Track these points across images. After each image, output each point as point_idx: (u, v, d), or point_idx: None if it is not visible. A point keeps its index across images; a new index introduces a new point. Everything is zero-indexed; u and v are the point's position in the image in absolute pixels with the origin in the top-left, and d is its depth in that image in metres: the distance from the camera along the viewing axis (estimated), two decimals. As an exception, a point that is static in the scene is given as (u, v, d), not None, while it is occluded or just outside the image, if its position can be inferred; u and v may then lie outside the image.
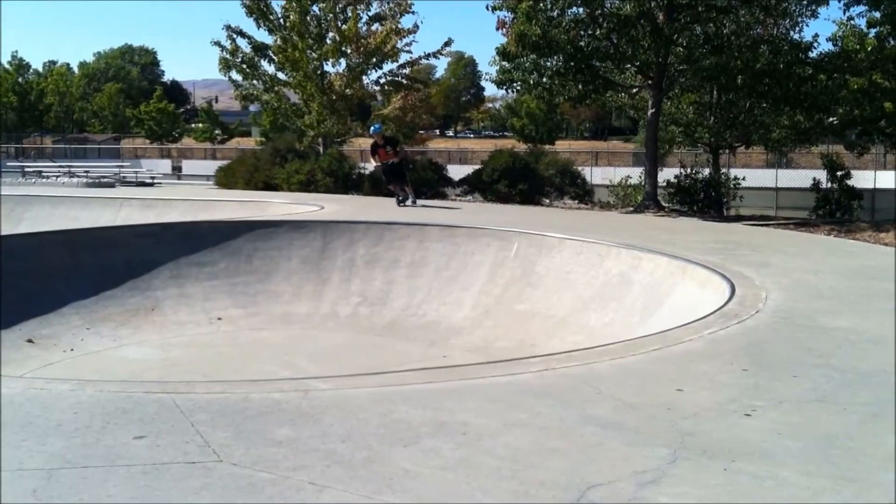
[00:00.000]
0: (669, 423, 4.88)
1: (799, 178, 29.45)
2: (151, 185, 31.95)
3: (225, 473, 4.03)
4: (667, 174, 24.82)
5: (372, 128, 17.29)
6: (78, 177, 31.92)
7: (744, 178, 25.07)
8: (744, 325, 7.45)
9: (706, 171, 24.64)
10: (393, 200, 20.07)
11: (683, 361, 6.29)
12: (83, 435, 4.52)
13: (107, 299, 12.76)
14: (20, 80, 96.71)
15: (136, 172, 35.22)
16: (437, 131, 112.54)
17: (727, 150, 28.66)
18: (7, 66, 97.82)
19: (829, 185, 23.48)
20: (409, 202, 19.38)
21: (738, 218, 22.19)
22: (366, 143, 56.73)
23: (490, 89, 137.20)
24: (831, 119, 25.10)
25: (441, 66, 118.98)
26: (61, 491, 3.79)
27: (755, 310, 8.04)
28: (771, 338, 7.06)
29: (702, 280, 10.05)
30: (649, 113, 23.12)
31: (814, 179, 24.00)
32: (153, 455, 4.25)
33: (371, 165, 22.02)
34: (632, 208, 23.16)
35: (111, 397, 5.23)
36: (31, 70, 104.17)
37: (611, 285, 11.63)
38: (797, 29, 24.07)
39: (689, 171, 23.64)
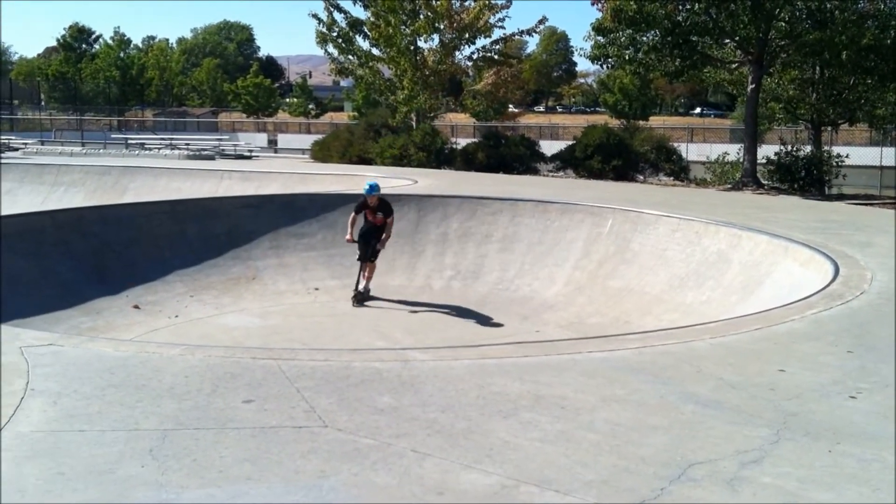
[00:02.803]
0: (772, 403, 4.82)
1: (904, 156, 28.43)
2: (249, 157, 32.57)
3: (330, 438, 4.14)
4: (766, 151, 24.23)
5: (367, 186, 12.51)
6: (179, 149, 32.72)
7: (847, 156, 24.28)
8: (848, 306, 7.27)
9: (807, 149, 23.97)
10: (487, 176, 19.73)
11: (786, 341, 6.18)
12: (194, 398, 4.69)
13: (209, 268, 13.13)
14: (122, 55, 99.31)
15: (234, 145, 35.90)
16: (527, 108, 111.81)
17: (829, 127, 27.79)
18: (109, 41, 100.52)
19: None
20: (361, 287, 12.82)
21: (841, 197, 21.56)
22: (457, 118, 56.79)
23: (582, 64, 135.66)
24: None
25: (533, 42, 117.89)
26: (175, 451, 3.95)
27: (860, 290, 7.83)
28: (876, 319, 6.87)
29: (804, 260, 9.81)
30: (749, 89, 22.59)
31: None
32: (261, 419, 4.39)
33: (460, 141, 20.47)
34: (729, 185, 22.71)
35: (219, 362, 5.41)
36: (131, 45, 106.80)
37: (708, 263, 11.44)
38: (906, 3, 23.15)
39: (789, 148, 23.02)
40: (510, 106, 63.50)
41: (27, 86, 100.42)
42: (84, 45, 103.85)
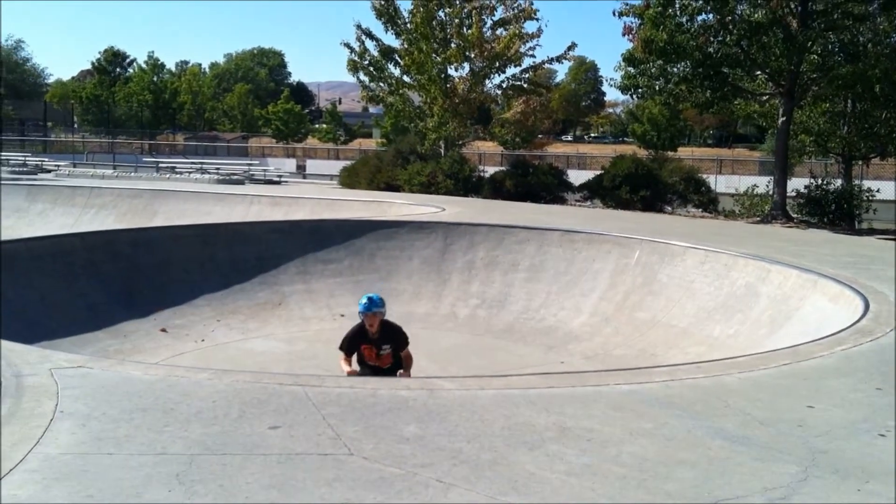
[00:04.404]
0: (800, 439, 4.77)
1: (936, 191, 28.18)
2: (278, 183, 32.84)
3: (356, 466, 4.14)
4: (795, 184, 24.08)
5: (364, 300, 8.13)
6: (209, 173, 33.04)
7: (878, 191, 24.10)
8: (878, 343, 7.19)
9: (838, 182, 23.81)
10: (515, 205, 19.70)
11: (815, 377, 6.12)
12: (221, 423, 4.72)
13: (237, 292, 13.22)
14: (155, 79, 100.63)
15: (264, 170, 36.19)
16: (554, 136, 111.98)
17: (860, 161, 27.61)
18: (143, 65, 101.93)
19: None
20: None
21: (871, 231, 21.37)
22: (485, 146, 56.73)
23: (611, 94, 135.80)
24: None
25: (562, 71, 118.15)
26: (202, 476, 3.96)
27: (890, 327, 7.75)
28: (907, 357, 6.79)
29: (833, 294, 9.73)
30: (779, 121, 22.50)
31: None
32: (288, 445, 4.41)
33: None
34: (758, 218, 22.56)
35: (247, 387, 5.44)
36: (165, 70, 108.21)
37: (736, 296, 11.36)
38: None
39: (819, 181, 22.88)
40: (538, 134, 63.60)
41: (61, 108, 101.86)
42: (118, 69, 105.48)
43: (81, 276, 12.08)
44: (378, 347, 8.23)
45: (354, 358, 8.32)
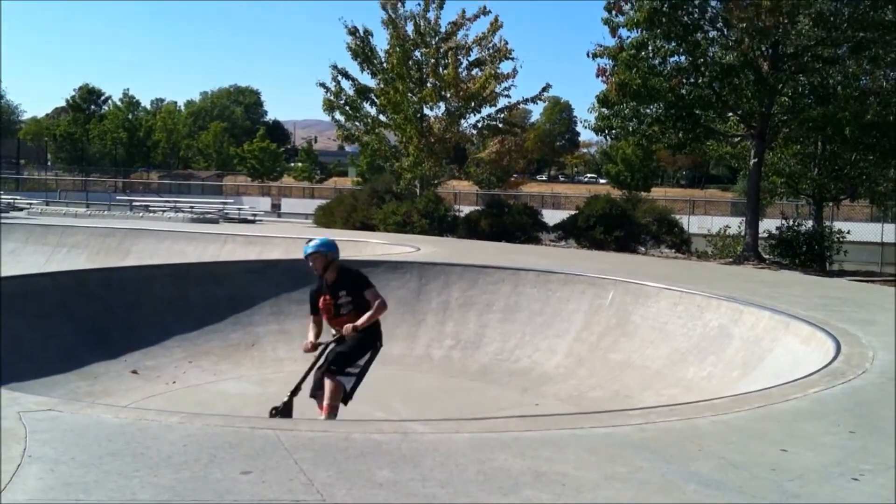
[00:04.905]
0: (774, 483, 4.77)
1: (905, 233, 28.58)
2: (253, 221, 32.80)
3: (328, 513, 4.09)
4: (767, 225, 24.37)
5: (310, 245, 8.39)
6: (183, 212, 32.95)
7: (848, 232, 24.40)
8: (850, 385, 7.22)
9: (809, 224, 24.09)
10: (490, 244, 19.71)
11: (788, 420, 6.14)
12: (192, 468, 4.65)
13: (209, 333, 13.09)
14: (130, 116, 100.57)
15: (238, 209, 36.18)
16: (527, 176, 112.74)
17: (831, 203, 27.98)
18: (118, 103, 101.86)
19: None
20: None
21: (842, 273, 21.60)
22: (461, 185, 57.02)
23: (585, 134, 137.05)
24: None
25: (536, 111, 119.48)
26: (172, 522, 3.90)
27: (862, 369, 7.79)
28: (878, 399, 6.83)
29: (805, 336, 9.79)
30: (751, 162, 22.80)
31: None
32: (259, 491, 4.34)
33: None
34: (731, 259, 22.76)
35: (218, 431, 5.37)
36: (140, 107, 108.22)
37: (709, 338, 11.41)
38: (908, 80, 23.47)
39: (791, 222, 23.15)
40: (513, 174, 63.98)
41: (35, 145, 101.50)
42: (93, 106, 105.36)
43: (52, 317, 11.91)
44: (334, 295, 8.12)
45: (312, 330, 8.29)
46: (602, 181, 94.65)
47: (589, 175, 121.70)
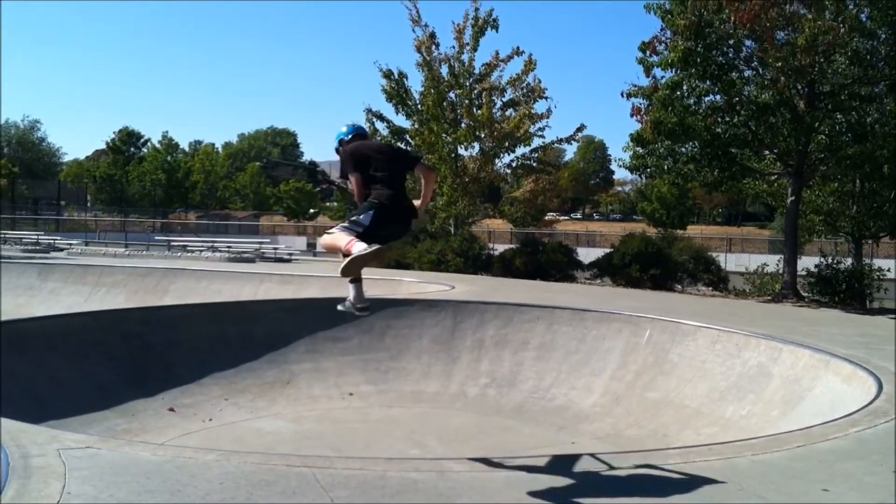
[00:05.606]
0: (816, 524, 4.69)
1: (948, 271, 28.07)
2: (289, 261, 32.98)
3: (364, 551, 4.08)
4: (805, 262, 24.06)
5: (344, 129, 7.56)
6: (220, 251, 33.23)
7: (888, 270, 24.05)
8: (893, 424, 7.11)
9: (848, 261, 23.78)
10: (524, 283, 19.61)
11: (829, 460, 6.04)
12: (229, 505, 4.67)
13: (245, 371, 13.16)
14: (168, 158, 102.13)
15: (274, 248, 36.36)
16: (563, 215, 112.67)
17: (870, 240, 27.63)
18: (157, 145, 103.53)
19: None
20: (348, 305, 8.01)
21: (882, 311, 21.25)
22: (495, 224, 56.75)
23: (619, 173, 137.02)
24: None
25: (571, 150, 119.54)
26: (209, 559, 3.91)
27: (905, 408, 7.67)
28: (923, 439, 6.71)
29: (846, 375, 9.65)
30: (788, 200, 22.60)
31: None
32: (295, 528, 4.35)
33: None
34: (769, 297, 22.49)
35: (255, 469, 5.39)
36: (178, 149, 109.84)
37: (748, 377, 11.27)
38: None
39: (830, 260, 22.87)
40: (548, 213, 63.96)
41: (75, 187, 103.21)
42: (132, 149, 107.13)
43: (91, 355, 12.06)
44: (376, 171, 6.90)
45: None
46: (636, 217, 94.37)
47: (612, 214, 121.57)
